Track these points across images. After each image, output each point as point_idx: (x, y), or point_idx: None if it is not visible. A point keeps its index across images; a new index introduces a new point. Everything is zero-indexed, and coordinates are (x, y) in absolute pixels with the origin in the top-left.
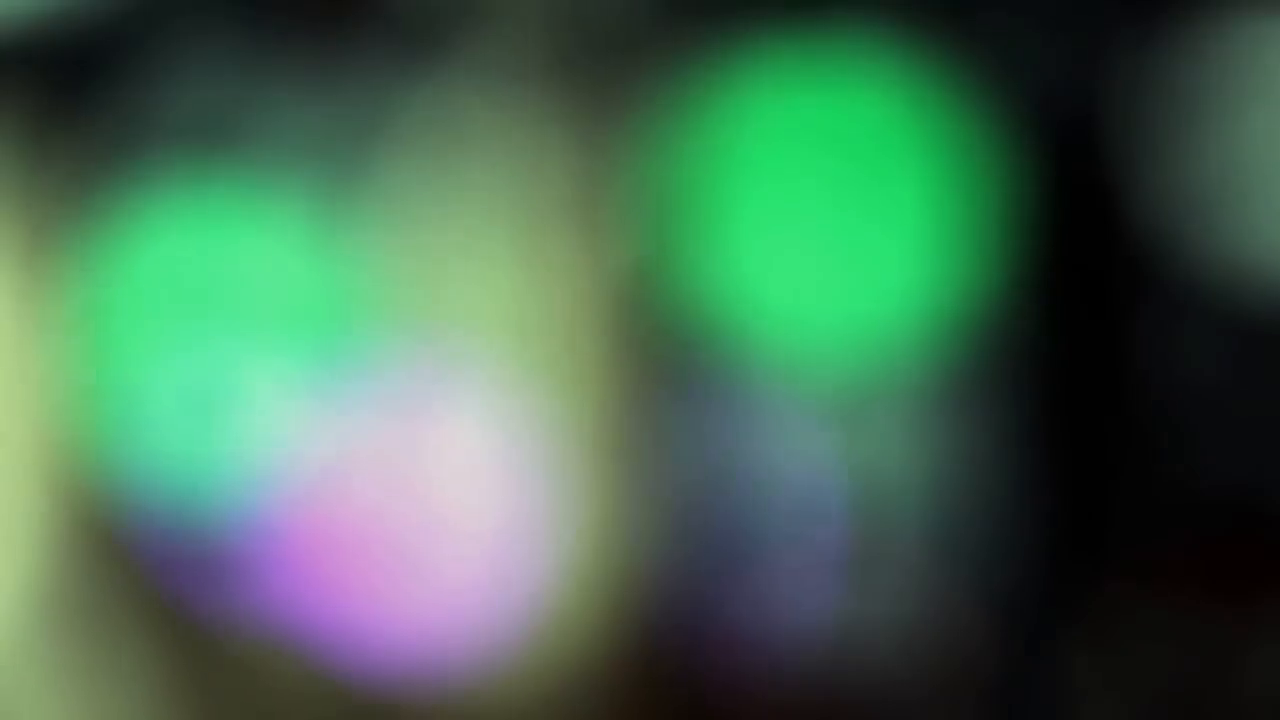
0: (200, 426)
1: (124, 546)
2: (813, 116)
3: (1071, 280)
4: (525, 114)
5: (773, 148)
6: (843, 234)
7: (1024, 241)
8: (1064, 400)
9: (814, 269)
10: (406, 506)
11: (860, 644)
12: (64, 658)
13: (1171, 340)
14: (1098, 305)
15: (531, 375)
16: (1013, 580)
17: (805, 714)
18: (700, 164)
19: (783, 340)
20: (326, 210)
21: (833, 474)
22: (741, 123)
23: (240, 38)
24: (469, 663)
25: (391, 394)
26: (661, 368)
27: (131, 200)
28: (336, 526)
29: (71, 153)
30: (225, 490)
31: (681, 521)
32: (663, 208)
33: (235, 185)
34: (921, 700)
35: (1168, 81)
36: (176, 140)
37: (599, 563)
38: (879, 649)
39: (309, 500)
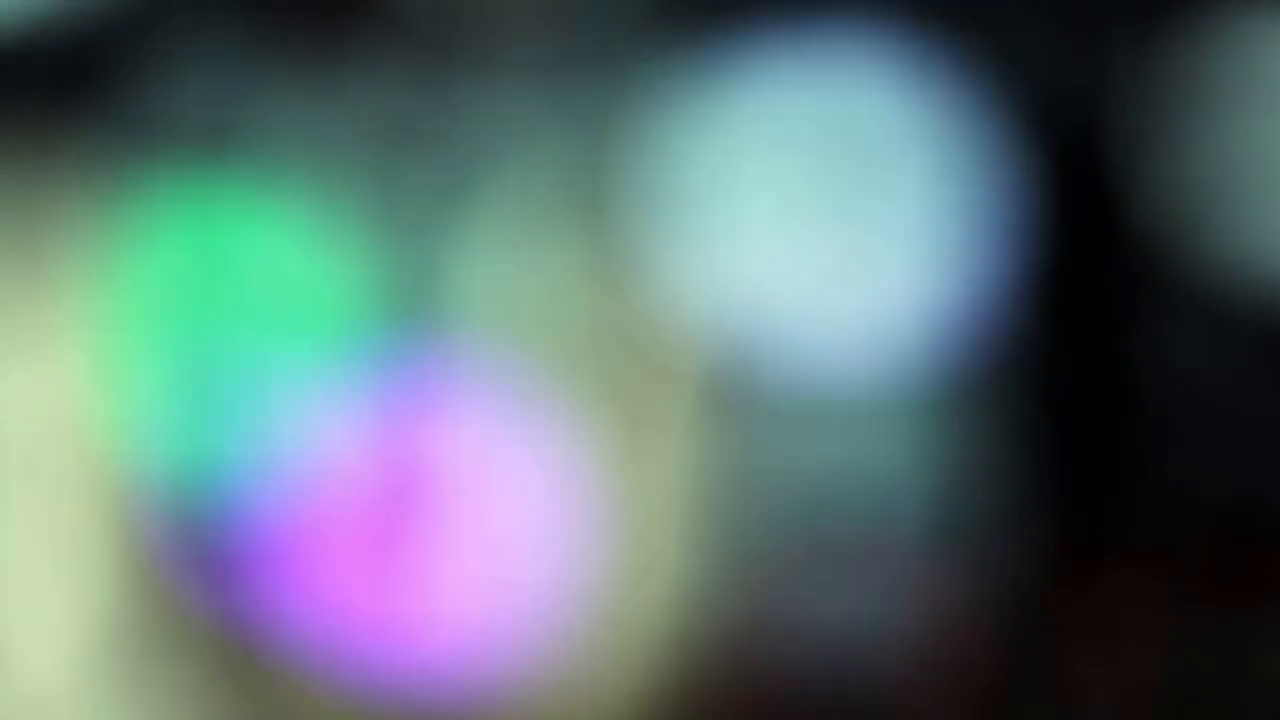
0: (215, 426)
1: (160, 557)
2: (813, 116)
3: (1072, 281)
4: (527, 113)
5: (772, 147)
6: (843, 233)
7: (1025, 242)
8: (1065, 401)
9: (814, 268)
10: (435, 511)
11: (860, 644)
12: (117, 679)
13: (1171, 340)
14: (1098, 306)
15: (540, 371)
16: (1013, 580)
17: (807, 713)
18: (699, 163)
19: (782, 340)
20: (332, 208)
21: (835, 475)
22: (741, 122)
23: (244, 37)
24: (502, 674)
25: (405, 393)
26: (665, 370)
27: (137, 200)
28: (363, 530)
29: (77, 153)
30: (245, 489)
31: (697, 526)
32: (660, 206)
33: (241, 184)
34: (921, 700)
35: (1168, 81)
36: (182, 140)
37: (622, 566)
38: (879, 649)
39: (333, 501)
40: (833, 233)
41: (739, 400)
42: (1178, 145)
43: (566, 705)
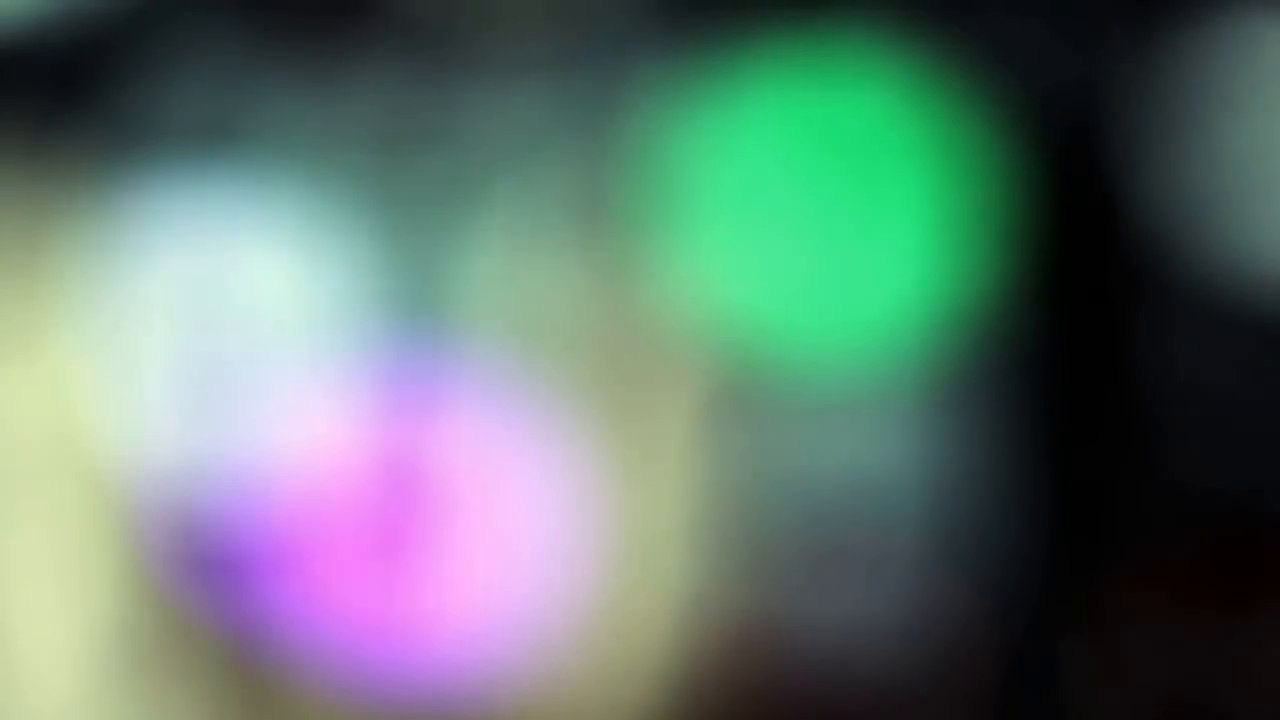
0: (215, 429)
1: (162, 561)
2: (812, 116)
3: (1071, 280)
4: (528, 114)
5: (772, 148)
6: (843, 234)
7: (1024, 242)
8: (1064, 400)
9: (814, 269)
10: (438, 515)
11: (860, 644)
12: (121, 684)
13: (1171, 340)
14: (1098, 305)
15: (542, 372)
16: (1013, 580)
17: (807, 713)
18: (699, 164)
19: (783, 341)
20: (332, 209)
21: (836, 476)
22: (741, 123)
23: (243, 37)
24: (505, 677)
25: (406, 395)
26: (667, 371)
27: (133, 202)
28: (366, 533)
29: (73, 155)
30: (246, 492)
31: (699, 527)
32: (661, 208)
33: (238, 186)
34: (921, 700)
35: (1168, 81)
36: (178, 141)
37: (624, 568)
38: (879, 649)
39: (335, 505)
40: (832, 233)
41: (741, 402)
42: (1178, 145)
43: (571, 708)
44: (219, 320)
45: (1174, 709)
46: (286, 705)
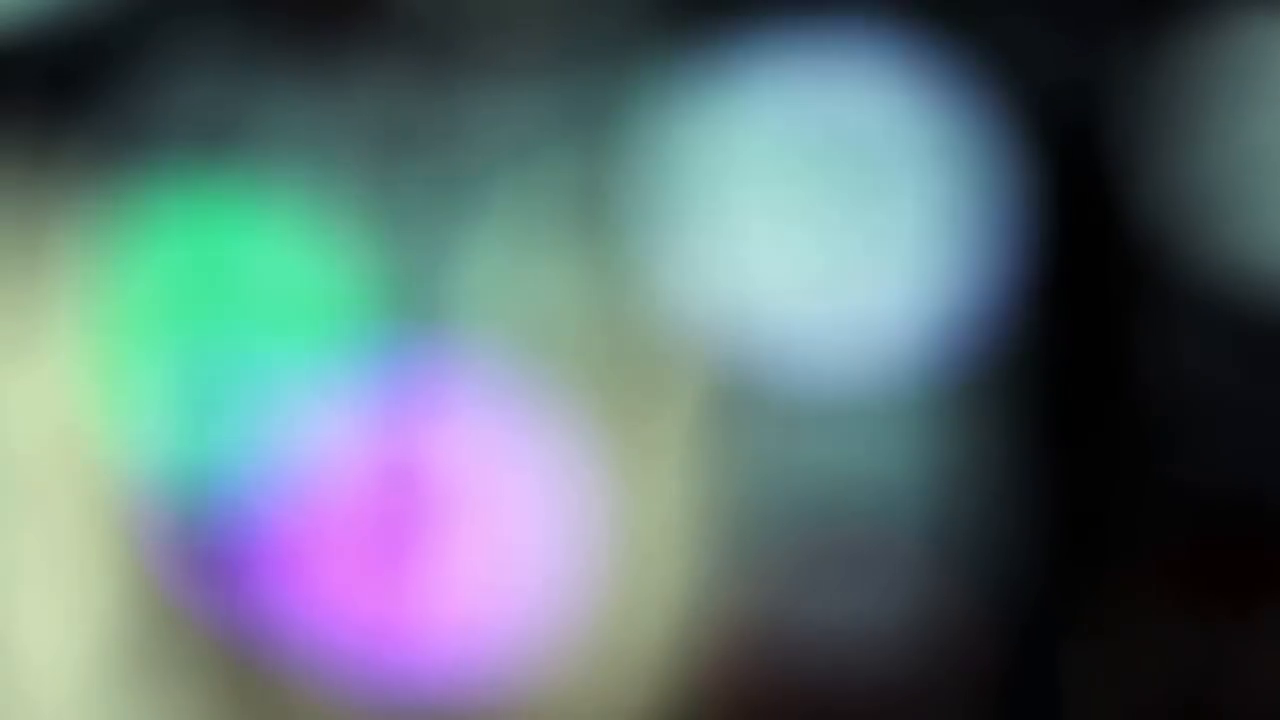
0: (215, 429)
1: (161, 562)
2: (813, 117)
3: (1072, 281)
4: (528, 114)
5: (772, 148)
6: (843, 235)
7: (1024, 242)
8: (1064, 401)
9: (814, 270)
10: (436, 515)
11: (860, 644)
12: (120, 684)
13: (1171, 340)
14: (1098, 306)
15: (541, 372)
16: (1013, 580)
17: (807, 713)
18: (699, 164)
19: (783, 342)
20: (332, 210)
21: (837, 477)
22: (741, 123)
23: (242, 37)
24: (505, 677)
25: (406, 395)
26: (667, 371)
27: (134, 201)
28: (364, 534)
29: (74, 154)
30: (245, 493)
31: (699, 528)
32: (661, 208)
33: (240, 185)
34: (921, 700)
35: (1168, 82)
36: (179, 141)
37: (624, 568)
38: (879, 649)
39: (334, 505)
40: (833, 234)
41: (741, 403)
42: (1178, 145)
43: (571, 708)
44: (220, 320)
45: (1174, 709)
46: (286, 706)
